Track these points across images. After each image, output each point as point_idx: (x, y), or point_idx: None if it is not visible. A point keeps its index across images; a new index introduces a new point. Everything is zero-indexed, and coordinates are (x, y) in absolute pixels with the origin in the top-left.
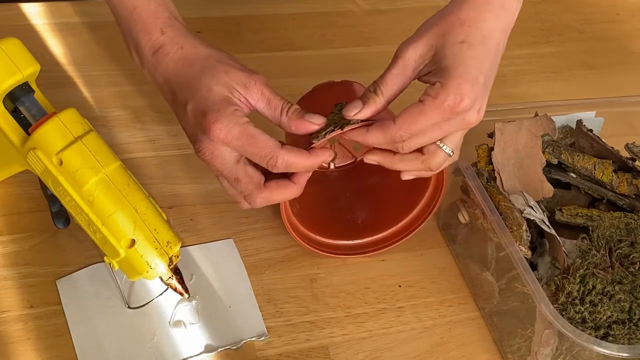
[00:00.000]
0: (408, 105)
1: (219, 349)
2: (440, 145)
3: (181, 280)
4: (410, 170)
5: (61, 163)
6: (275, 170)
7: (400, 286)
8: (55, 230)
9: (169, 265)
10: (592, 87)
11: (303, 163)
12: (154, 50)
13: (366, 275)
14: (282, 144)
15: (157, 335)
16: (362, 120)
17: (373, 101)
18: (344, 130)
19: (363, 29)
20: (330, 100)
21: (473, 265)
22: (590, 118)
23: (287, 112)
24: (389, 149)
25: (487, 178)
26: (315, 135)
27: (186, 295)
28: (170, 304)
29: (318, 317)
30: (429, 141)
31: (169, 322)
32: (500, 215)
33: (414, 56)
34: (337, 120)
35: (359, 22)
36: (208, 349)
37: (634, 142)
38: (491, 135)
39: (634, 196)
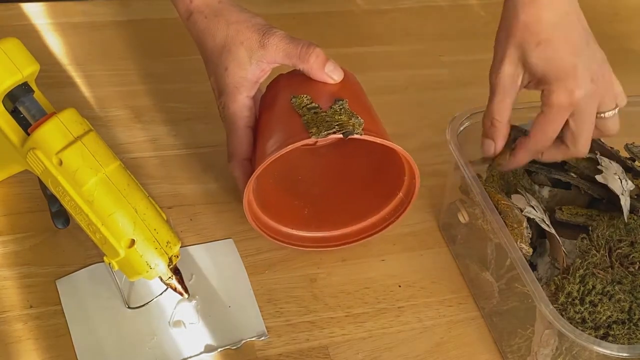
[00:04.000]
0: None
1: (219, 349)
2: (602, 115)
3: (181, 280)
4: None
5: (61, 163)
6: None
7: (400, 286)
8: (55, 230)
9: (168, 265)
10: None
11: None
12: (186, 17)
13: (366, 275)
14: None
15: (157, 335)
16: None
17: (499, 132)
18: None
19: (363, 29)
20: (287, 90)
21: (473, 265)
22: None
23: (308, 58)
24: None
25: (486, 178)
26: (316, 132)
27: (186, 295)
28: (170, 304)
29: (318, 317)
30: (589, 133)
31: (169, 322)
32: (500, 215)
33: (507, 78)
34: (341, 122)
35: (359, 22)
36: (208, 349)
37: (633, 142)
38: None
39: (635, 197)
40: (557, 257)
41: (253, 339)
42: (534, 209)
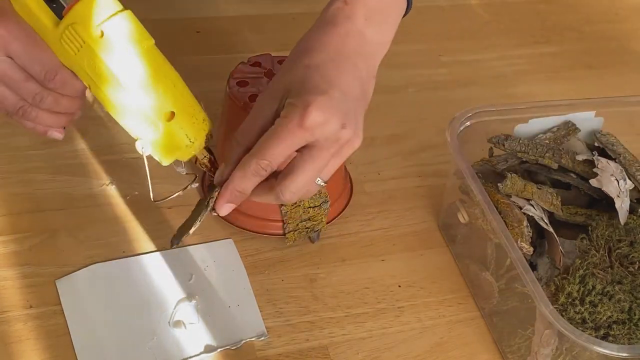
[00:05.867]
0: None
1: (219, 349)
2: (317, 180)
3: (215, 161)
4: (266, 201)
5: (102, 35)
6: (49, 86)
7: (400, 286)
8: (55, 230)
9: (206, 142)
10: (592, 87)
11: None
12: None
13: (366, 275)
14: None
15: (157, 335)
16: None
17: (235, 154)
18: (219, 212)
19: None
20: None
21: (473, 265)
22: (590, 118)
23: None
24: (274, 200)
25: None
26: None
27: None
28: (170, 304)
29: (318, 317)
30: (312, 179)
31: (169, 322)
32: (500, 214)
33: (269, 96)
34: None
35: None
36: (208, 349)
37: (601, 131)
38: (491, 140)
39: (635, 200)
40: (554, 256)
41: (253, 339)
42: (533, 207)
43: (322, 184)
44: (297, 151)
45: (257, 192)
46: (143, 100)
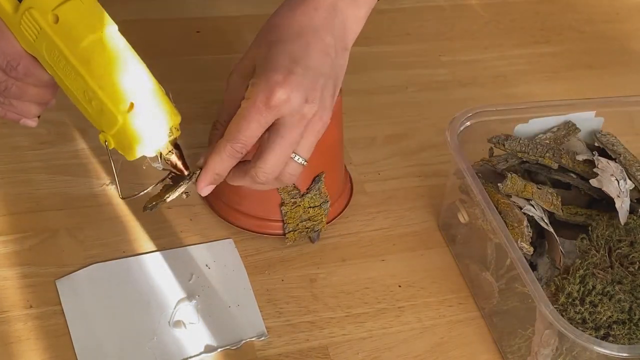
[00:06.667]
0: None
1: (219, 349)
2: (293, 156)
3: (181, 156)
4: (243, 184)
5: (57, 20)
6: (11, 75)
7: (400, 286)
8: (55, 230)
9: (169, 137)
10: (592, 87)
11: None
12: None
13: (366, 275)
14: None
15: (157, 335)
16: None
17: (215, 137)
18: (200, 191)
19: (363, 29)
20: None
21: (473, 265)
22: (590, 118)
23: None
24: (253, 184)
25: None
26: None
27: (186, 172)
28: (170, 304)
29: (318, 317)
30: (284, 157)
31: (169, 322)
32: (500, 214)
33: (239, 75)
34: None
35: None
36: (208, 349)
37: (601, 131)
38: (491, 140)
39: (635, 200)
40: (554, 256)
41: (253, 339)
42: (534, 207)
43: (303, 162)
44: (266, 131)
45: (233, 176)
46: (100, 90)
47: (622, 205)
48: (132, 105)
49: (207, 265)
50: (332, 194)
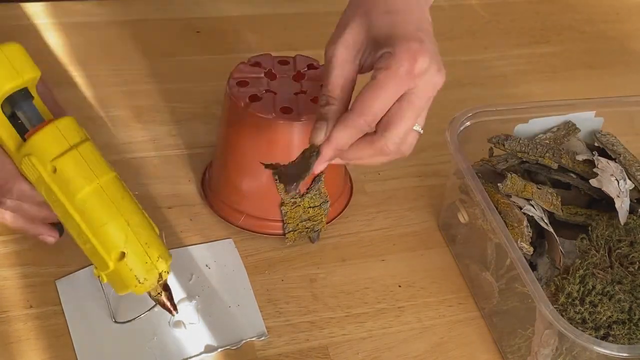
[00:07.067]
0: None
1: (219, 349)
2: (414, 127)
3: (170, 297)
4: (366, 158)
5: (55, 170)
6: (6, 196)
7: (400, 286)
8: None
9: (158, 281)
10: (592, 87)
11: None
12: None
13: (366, 275)
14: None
15: (157, 335)
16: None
17: (333, 112)
18: (314, 169)
19: None
20: None
21: (473, 265)
22: (590, 118)
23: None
24: (376, 155)
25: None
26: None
27: (175, 313)
28: None
29: (318, 317)
30: (412, 126)
31: (169, 322)
32: (500, 214)
33: (346, 49)
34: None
35: None
36: (208, 349)
37: (601, 131)
38: (491, 140)
39: (635, 200)
40: (554, 256)
41: (253, 339)
42: (533, 207)
43: (420, 130)
44: None
45: (354, 149)
46: (93, 238)
47: (622, 205)
48: (123, 254)
49: (207, 266)
50: (332, 194)
